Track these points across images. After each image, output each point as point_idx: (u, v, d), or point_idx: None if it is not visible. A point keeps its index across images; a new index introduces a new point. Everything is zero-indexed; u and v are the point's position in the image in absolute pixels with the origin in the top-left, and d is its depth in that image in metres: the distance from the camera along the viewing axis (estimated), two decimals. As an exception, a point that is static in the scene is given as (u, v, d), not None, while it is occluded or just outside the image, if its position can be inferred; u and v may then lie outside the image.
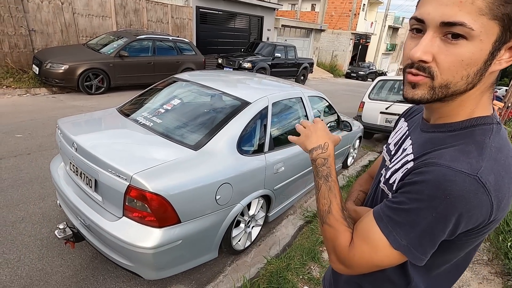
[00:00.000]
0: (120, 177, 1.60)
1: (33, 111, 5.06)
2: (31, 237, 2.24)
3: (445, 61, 0.53)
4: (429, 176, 0.53)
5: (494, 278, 2.28)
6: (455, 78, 0.54)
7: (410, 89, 0.59)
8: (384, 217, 0.59)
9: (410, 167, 0.61)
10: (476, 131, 0.58)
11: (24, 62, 6.78)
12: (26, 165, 3.21)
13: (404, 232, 0.56)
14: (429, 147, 0.61)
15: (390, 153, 0.79)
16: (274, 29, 14.86)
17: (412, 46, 0.57)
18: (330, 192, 0.69)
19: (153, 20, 9.40)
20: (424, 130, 0.68)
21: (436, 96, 0.57)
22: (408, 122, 0.80)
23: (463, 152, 0.54)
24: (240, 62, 9.66)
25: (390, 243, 0.57)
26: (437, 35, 0.53)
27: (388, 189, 0.67)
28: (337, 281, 0.91)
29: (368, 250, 0.60)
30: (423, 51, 0.53)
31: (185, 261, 1.87)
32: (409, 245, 0.56)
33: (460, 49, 0.51)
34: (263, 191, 2.27)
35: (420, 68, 0.55)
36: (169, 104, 2.38)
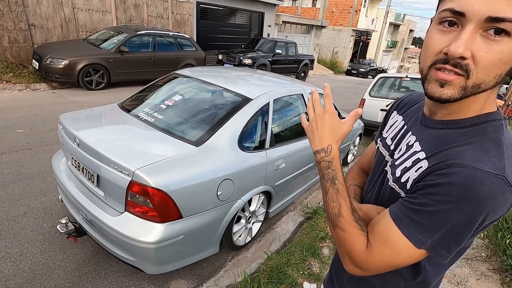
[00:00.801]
0: (122, 173, 1.61)
1: (33, 106, 5.05)
2: (33, 232, 2.25)
3: (485, 59, 0.50)
4: (456, 178, 0.51)
5: (492, 275, 2.30)
6: (490, 77, 0.52)
7: (438, 87, 0.55)
8: (404, 218, 0.58)
9: (427, 166, 0.58)
10: (487, 128, 0.57)
11: (24, 57, 6.76)
12: (27, 160, 3.22)
13: (428, 232, 0.55)
14: (440, 144, 0.60)
15: (388, 148, 0.77)
16: (275, 25, 14.79)
17: (443, 40, 0.53)
18: (339, 194, 0.67)
19: (153, 16, 9.35)
20: (430, 126, 0.66)
21: (465, 95, 0.54)
22: (403, 115, 0.79)
23: (483, 151, 0.54)
24: (240, 58, 9.63)
25: (413, 244, 0.56)
26: (477, 30, 0.50)
27: (400, 188, 0.65)
28: (340, 277, 0.91)
29: (388, 253, 0.59)
30: (465, 46, 0.49)
31: (186, 256, 1.88)
32: (434, 244, 0.56)
33: (502, 47, 0.49)
34: (264, 187, 2.29)
35: (456, 65, 0.51)
36: (170, 100, 2.38)
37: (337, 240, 0.68)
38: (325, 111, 0.73)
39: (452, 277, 2.24)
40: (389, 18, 27.40)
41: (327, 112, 0.72)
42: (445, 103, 0.56)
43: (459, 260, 2.44)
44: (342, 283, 0.90)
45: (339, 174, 0.69)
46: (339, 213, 0.66)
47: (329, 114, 0.72)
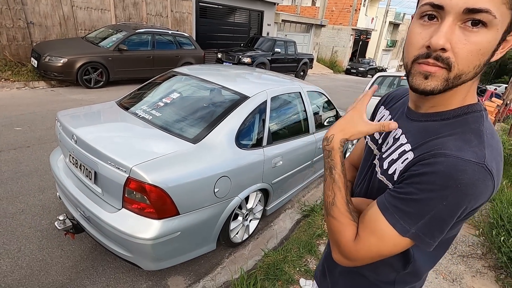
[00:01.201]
0: (119, 169, 1.62)
1: (32, 104, 5.05)
2: (31, 229, 2.26)
3: (463, 50, 0.51)
4: (440, 167, 0.53)
5: (487, 272, 2.32)
6: (469, 67, 0.53)
7: (422, 79, 0.57)
8: (390, 207, 0.60)
9: (413, 157, 0.61)
10: (469, 119, 0.60)
11: (23, 55, 6.75)
12: (26, 158, 3.22)
13: (413, 220, 0.57)
14: (425, 136, 0.62)
15: (376, 142, 0.79)
16: (274, 24, 14.77)
17: (424, 34, 0.55)
18: (335, 184, 0.68)
19: (152, 14, 9.33)
20: (415, 119, 0.68)
21: (447, 87, 0.56)
22: (390, 110, 0.81)
23: (465, 141, 0.56)
24: (239, 57, 9.63)
25: (398, 232, 0.58)
26: (456, 22, 0.51)
27: (388, 180, 0.67)
28: (332, 271, 0.92)
29: (375, 242, 0.61)
30: (446, 37, 0.51)
31: (183, 253, 1.89)
32: (418, 232, 0.57)
33: (479, 38, 0.51)
34: (261, 185, 2.30)
35: (438, 58, 0.53)
36: (168, 97, 2.39)
37: (329, 228, 0.69)
38: (354, 108, 0.72)
39: (447, 274, 2.26)
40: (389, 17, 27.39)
41: (354, 109, 0.72)
42: (429, 95, 0.58)
43: (454, 257, 2.46)
44: (334, 277, 0.91)
45: (338, 165, 0.70)
46: (333, 202, 0.68)
47: (355, 110, 0.72)
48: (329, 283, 0.93)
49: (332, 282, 0.92)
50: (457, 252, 2.53)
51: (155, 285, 1.95)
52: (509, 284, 2.17)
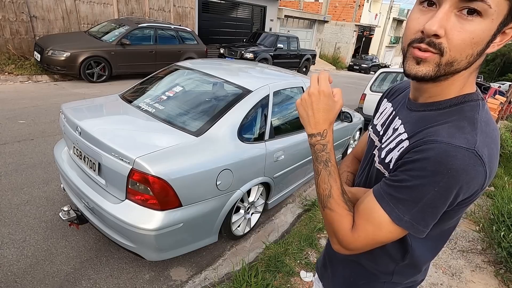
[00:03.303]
0: (123, 161, 1.64)
1: (35, 97, 5.08)
2: (36, 219, 2.30)
3: (457, 37, 0.52)
4: (431, 153, 0.54)
5: (487, 267, 2.33)
6: (461, 56, 0.54)
7: (415, 64, 0.58)
8: (385, 195, 0.61)
9: (407, 145, 0.62)
10: (465, 107, 0.61)
11: (26, 49, 6.77)
12: (30, 150, 3.25)
13: (406, 208, 0.58)
14: (421, 125, 0.63)
15: (378, 134, 0.80)
16: (277, 20, 14.68)
17: (422, 20, 0.55)
18: (330, 176, 0.68)
19: (155, 8, 9.31)
20: (413, 109, 0.69)
21: (439, 73, 0.57)
22: (392, 102, 0.82)
23: (458, 128, 0.57)
24: (242, 52, 9.60)
25: (392, 220, 0.59)
26: (452, 9, 0.52)
27: (385, 168, 0.68)
28: (333, 261, 0.94)
29: (372, 229, 0.62)
30: (440, 24, 0.52)
31: (185, 244, 1.92)
32: (411, 220, 0.58)
33: (473, 26, 0.51)
34: (263, 179, 2.31)
35: (431, 44, 0.54)
36: (171, 91, 2.40)
37: (326, 220, 0.70)
38: (321, 91, 0.69)
39: (447, 268, 2.28)
40: (393, 13, 27.16)
41: (322, 93, 0.68)
42: (421, 81, 0.59)
43: (454, 252, 2.48)
44: (335, 266, 0.93)
45: (332, 157, 0.70)
46: (330, 194, 0.68)
47: (325, 95, 0.69)
48: (330, 273, 0.95)
49: (332, 272, 0.94)
50: (457, 247, 2.54)
51: (158, 276, 1.98)
52: (508, 279, 2.18)
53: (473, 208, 3.21)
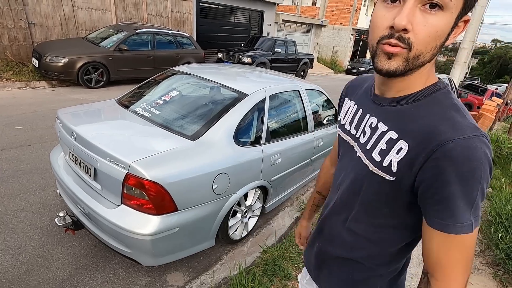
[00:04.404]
0: (118, 165, 1.64)
1: (33, 103, 5.08)
2: (31, 226, 2.28)
3: (422, 31, 0.54)
4: (455, 154, 0.53)
5: (485, 268, 2.32)
6: (427, 49, 0.56)
7: (386, 60, 0.58)
8: (449, 223, 0.57)
9: (410, 147, 0.60)
10: (438, 96, 0.63)
11: (24, 55, 6.79)
12: (27, 156, 3.25)
13: (469, 214, 0.56)
14: (404, 120, 0.63)
15: (349, 133, 0.79)
16: (275, 24, 14.79)
17: (389, 16, 0.56)
18: None
19: (153, 14, 9.37)
20: (386, 105, 0.68)
21: (408, 67, 0.58)
22: (355, 100, 0.81)
23: (450, 119, 0.58)
24: (240, 56, 9.65)
25: (470, 232, 0.57)
26: (417, 4, 0.54)
27: (385, 172, 0.65)
28: (326, 261, 0.90)
29: (466, 262, 0.60)
30: (408, 18, 0.53)
31: (182, 249, 1.91)
32: (474, 222, 0.57)
33: (436, 20, 0.54)
34: (260, 182, 2.31)
35: (400, 39, 0.55)
36: (167, 95, 2.40)
37: None
38: None
39: (445, 271, 2.27)
40: (389, 17, 27.36)
41: None
42: (392, 76, 0.60)
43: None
44: (330, 266, 0.90)
45: None
46: None
47: None
48: (326, 273, 0.92)
49: (329, 271, 0.91)
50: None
51: (154, 281, 1.97)
52: (507, 281, 2.17)
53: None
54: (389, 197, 0.66)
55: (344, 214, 0.79)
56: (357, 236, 0.77)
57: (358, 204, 0.74)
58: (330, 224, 0.86)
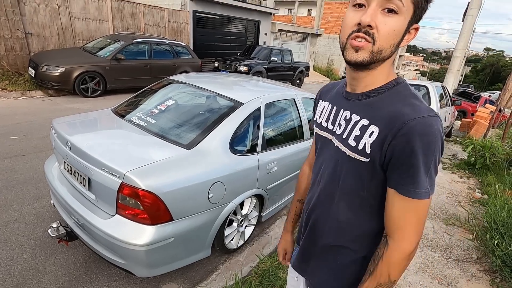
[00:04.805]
0: (113, 175, 1.63)
1: (28, 113, 5.06)
2: (24, 237, 2.25)
3: (384, 29, 0.68)
4: (415, 130, 0.66)
5: (483, 276, 2.32)
6: (387, 44, 0.69)
7: (354, 53, 0.70)
8: (411, 189, 0.69)
9: (379, 131, 0.71)
10: (399, 88, 0.76)
11: (20, 65, 6.79)
12: (21, 166, 3.22)
13: (427, 181, 0.69)
14: (373, 109, 0.75)
15: (326, 129, 0.89)
16: (271, 34, 14.99)
17: (356, 16, 0.69)
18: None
19: (150, 24, 9.46)
20: (357, 99, 0.79)
21: (372, 59, 0.70)
22: (328, 100, 0.92)
23: (412, 105, 0.70)
24: (236, 65, 9.73)
25: (427, 198, 0.70)
26: (378, 8, 0.67)
27: (360, 155, 0.75)
28: (313, 254, 0.94)
29: (419, 222, 0.73)
30: (372, 17, 0.67)
31: (177, 259, 1.89)
32: (430, 189, 0.70)
33: (393, 21, 0.67)
34: (256, 191, 2.31)
35: (366, 33, 0.68)
36: (163, 105, 2.41)
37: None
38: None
39: (442, 278, 2.26)
40: (383, 27, 27.86)
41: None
42: (360, 66, 0.72)
43: (450, 262, 2.46)
44: (317, 258, 0.94)
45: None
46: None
47: None
48: (313, 265, 0.96)
49: (316, 263, 0.95)
50: (452, 256, 2.53)
51: (149, 293, 1.94)
52: (504, 288, 2.17)
53: (467, 217, 3.21)
54: (366, 179, 0.76)
55: (327, 203, 0.87)
56: (341, 222, 0.84)
57: (339, 191, 0.83)
58: (315, 217, 0.91)
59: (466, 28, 8.65)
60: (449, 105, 6.24)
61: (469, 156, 5.09)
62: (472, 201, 3.76)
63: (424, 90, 5.47)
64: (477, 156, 4.89)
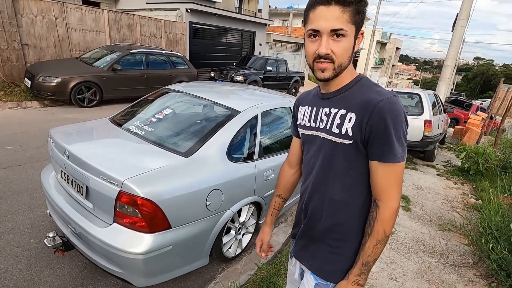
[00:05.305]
0: (111, 183, 1.64)
1: (24, 123, 5.05)
2: (19, 248, 2.22)
3: (338, 50, 0.85)
4: (385, 109, 0.83)
5: (479, 280, 2.33)
6: (344, 59, 0.87)
7: (321, 73, 0.89)
8: (395, 153, 0.85)
9: (356, 115, 0.87)
10: (363, 81, 0.94)
11: (16, 76, 6.79)
12: (16, 177, 3.19)
13: (402, 149, 0.86)
14: (347, 101, 0.91)
15: (310, 128, 1.03)
16: (266, 44, 15.23)
17: (313, 46, 0.87)
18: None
19: (146, 35, 9.57)
20: (331, 97, 0.96)
21: (336, 73, 0.89)
22: (307, 104, 1.07)
23: (376, 92, 0.89)
24: (232, 75, 9.83)
25: (403, 161, 0.88)
26: (328, 37, 0.84)
27: (344, 138, 0.90)
28: (315, 236, 1.04)
29: (399, 182, 0.90)
30: (326, 47, 0.85)
31: (175, 268, 1.87)
32: (403, 153, 0.87)
33: (343, 42, 0.85)
34: (253, 198, 2.32)
35: (327, 58, 0.86)
36: (160, 113, 2.44)
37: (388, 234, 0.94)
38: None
39: (440, 284, 2.27)
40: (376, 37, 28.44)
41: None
42: (328, 81, 0.91)
43: (447, 267, 2.48)
44: (318, 240, 1.04)
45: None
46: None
47: None
48: (313, 248, 1.05)
49: (316, 246, 1.04)
50: (449, 262, 2.55)
51: (146, 303, 1.91)
52: (501, 292, 2.18)
53: (462, 222, 3.25)
54: (352, 159, 0.91)
55: (322, 188, 0.99)
56: (337, 201, 0.97)
57: (331, 174, 0.96)
58: (313, 204, 1.03)
59: (456, 38, 8.89)
60: (441, 113, 6.35)
61: (462, 162, 5.16)
62: (467, 206, 3.81)
63: (417, 98, 5.57)
64: (470, 163, 4.96)
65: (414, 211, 3.50)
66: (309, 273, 1.06)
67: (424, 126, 5.20)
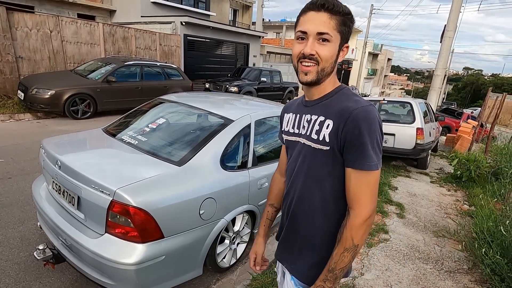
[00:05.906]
0: (103, 193, 1.63)
1: (16, 136, 5.00)
2: (8, 261, 2.17)
3: (322, 53, 0.89)
4: (360, 116, 0.85)
5: (474, 286, 2.33)
6: (327, 64, 0.91)
7: (304, 75, 0.92)
8: (369, 161, 0.86)
9: (333, 123, 0.89)
10: (344, 91, 0.97)
11: (9, 88, 6.77)
12: (7, 189, 3.14)
13: (376, 157, 0.87)
14: (327, 108, 0.93)
15: (293, 134, 1.05)
16: (260, 56, 15.46)
17: (300, 47, 0.91)
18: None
19: (141, 47, 9.66)
20: (314, 104, 0.99)
21: (319, 77, 0.92)
22: (292, 112, 1.10)
23: (354, 101, 0.91)
24: (227, 86, 9.93)
25: (377, 169, 0.88)
26: (314, 40, 0.89)
27: (322, 144, 0.92)
28: (298, 240, 1.04)
29: (374, 192, 0.89)
30: (311, 48, 0.89)
31: (168, 279, 1.84)
32: (378, 162, 0.88)
33: (328, 47, 0.89)
34: (248, 207, 2.31)
35: (312, 59, 0.90)
36: (154, 123, 2.45)
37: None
38: None
39: (435, 291, 2.26)
40: (368, 48, 29.09)
41: None
42: (310, 84, 0.94)
43: (442, 273, 2.47)
44: (301, 242, 1.04)
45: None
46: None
47: None
48: (296, 251, 1.05)
49: (299, 249, 1.04)
50: (444, 268, 2.54)
51: (139, 316, 1.86)
52: (496, 298, 2.18)
53: (456, 228, 3.26)
54: (330, 165, 0.93)
55: (302, 193, 1.00)
56: (316, 206, 0.98)
57: (310, 178, 0.97)
58: (294, 208, 1.04)
59: (445, 48, 9.14)
60: (433, 121, 6.46)
61: (455, 169, 5.22)
62: (460, 212, 3.83)
63: (409, 107, 5.68)
64: (462, 170, 5.02)
65: (408, 218, 3.51)
66: (290, 278, 1.06)
67: (416, 134, 5.27)
